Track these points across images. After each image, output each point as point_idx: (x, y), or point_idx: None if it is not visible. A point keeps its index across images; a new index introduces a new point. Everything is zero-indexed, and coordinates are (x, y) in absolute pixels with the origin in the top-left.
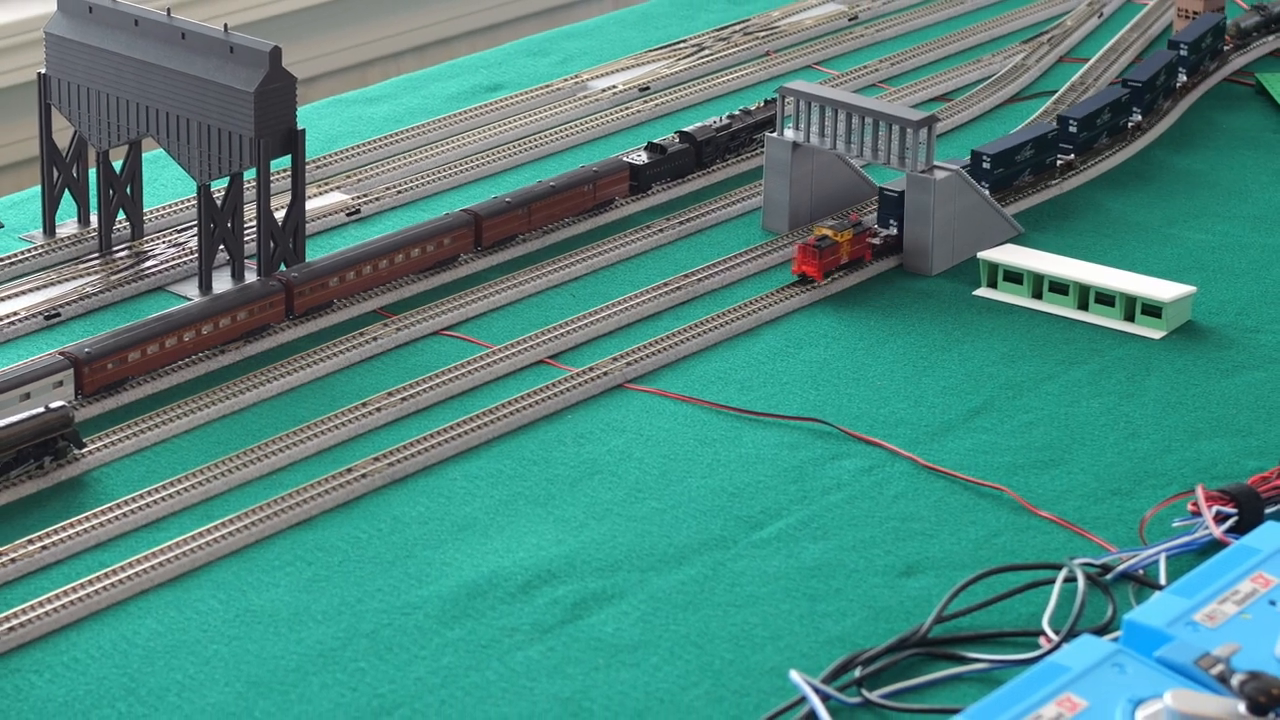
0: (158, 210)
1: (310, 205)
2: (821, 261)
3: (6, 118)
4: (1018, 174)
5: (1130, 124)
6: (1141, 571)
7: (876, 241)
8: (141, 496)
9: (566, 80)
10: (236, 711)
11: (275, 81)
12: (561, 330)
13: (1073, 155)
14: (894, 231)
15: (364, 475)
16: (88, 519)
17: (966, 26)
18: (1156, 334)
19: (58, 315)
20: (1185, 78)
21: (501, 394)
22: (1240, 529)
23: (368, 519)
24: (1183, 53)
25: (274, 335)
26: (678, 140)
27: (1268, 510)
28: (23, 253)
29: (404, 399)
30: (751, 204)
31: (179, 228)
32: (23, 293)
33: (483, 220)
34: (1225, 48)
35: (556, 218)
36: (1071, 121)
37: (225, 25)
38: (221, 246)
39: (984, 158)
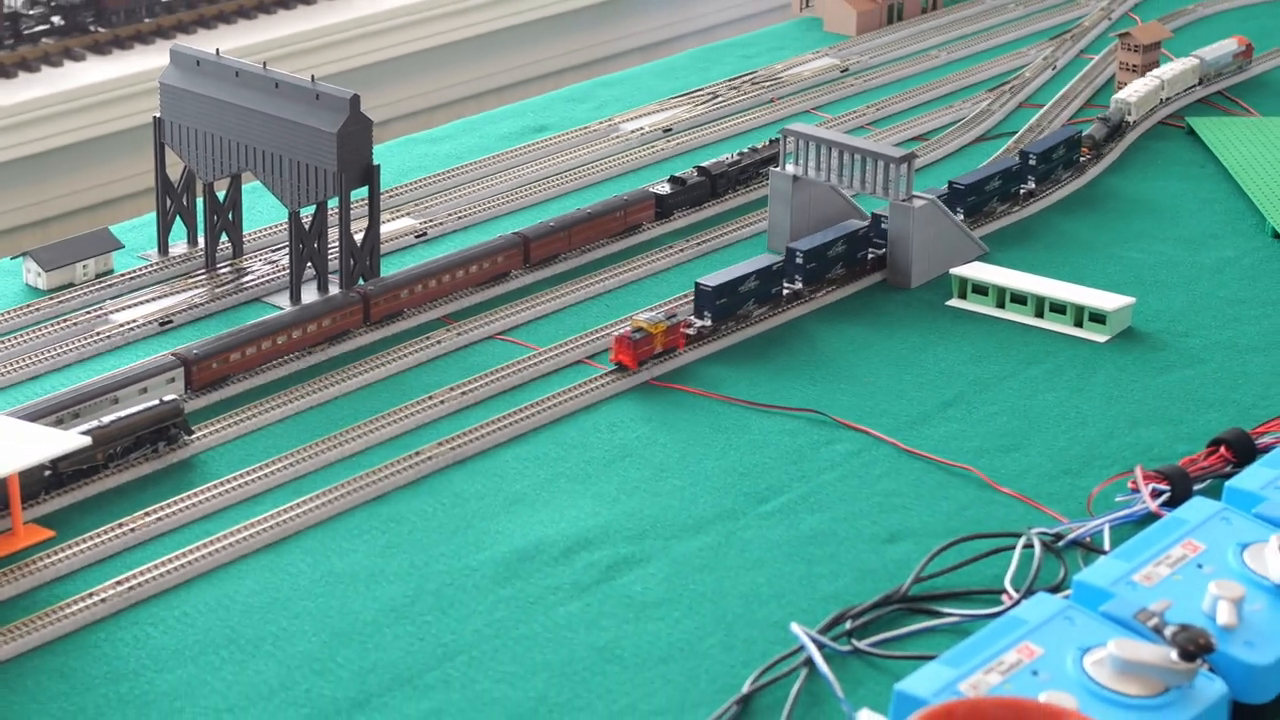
0: (255, 233)
1: (384, 229)
2: (636, 352)
3: (128, 155)
4: (1053, 170)
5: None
6: (1089, 539)
7: (690, 331)
8: (241, 475)
9: (601, 123)
10: (322, 658)
11: (355, 124)
12: (597, 335)
13: (884, 250)
14: (708, 322)
15: (430, 458)
16: (195, 495)
17: (940, 77)
18: (1101, 338)
19: (170, 322)
20: (1034, 184)
21: (546, 389)
22: (1172, 503)
23: (433, 495)
24: (1031, 162)
25: (353, 339)
26: (696, 174)
27: (1196, 487)
28: (141, 269)
29: (463, 393)
30: (758, 228)
31: (273, 248)
32: (140, 303)
33: (530, 241)
34: (1083, 159)
35: (593, 239)
36: (883, 220)
37: (312, 76)
38: (309, 264)
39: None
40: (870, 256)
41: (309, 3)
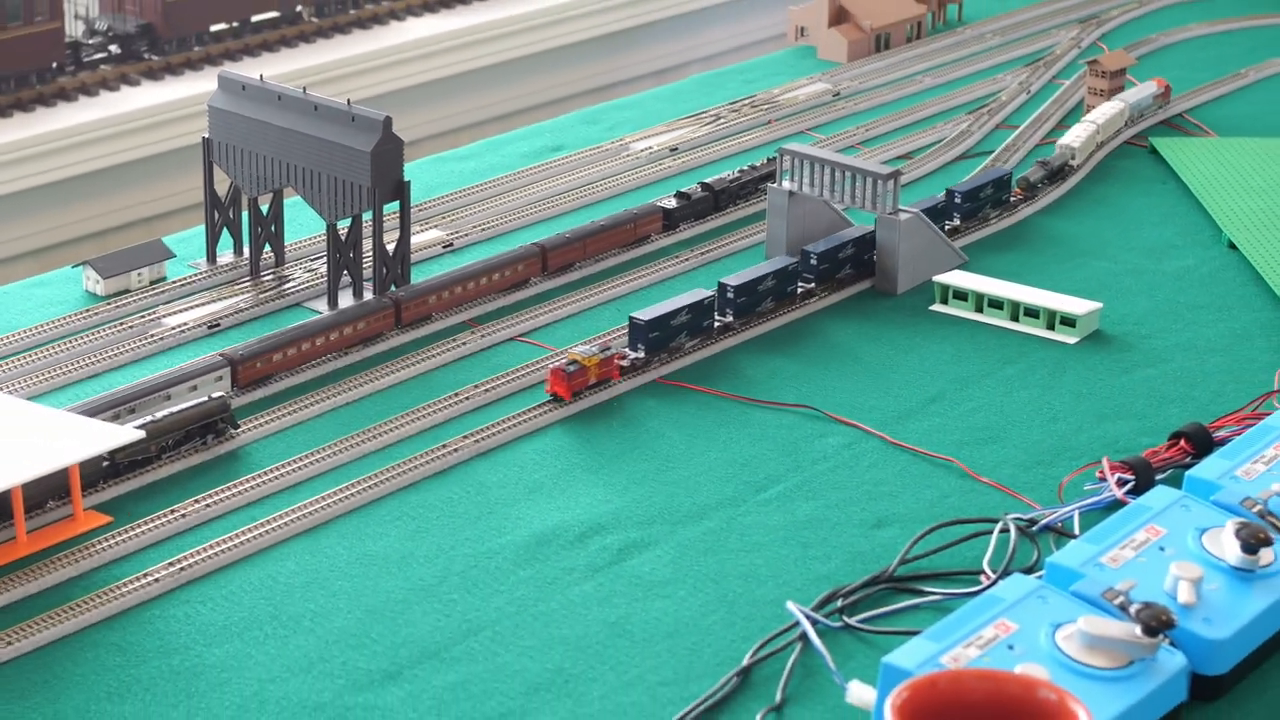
0: (295, 244)
1: (414, 239)
2: (570, 383)
3: (179, 172)
4: (980, 209)
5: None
6: (1060, 524)
7: (625, 363)
8: (283, 466)
9: (613, 143)
10: (357, 633)
11: (387, 143)
12: (610, 336)
13: (813, 284)
14: (641, 354)
15: (455, 450)
16: (241, 483)
17: (923, 100)
18: (1071, 340)
19: (218, 325)
20: (959, 221)
21: None
22: (1137, 491)
23: (459, 483)
24: (957, 200)
25: (385, 341)
26: (700, 189)
27: (1158, 477)
28: (191, 277)
29: (486, 390)
30: (757, 239)
31: (312, 257)
32: (191, 308)
33: (548, 251)
34: (1013, 199)
35: (605, 249)
36: (813, 255)
37: (348, 100)
38: (345, 271)
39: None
40: (799, 290)
41: (345, 32)
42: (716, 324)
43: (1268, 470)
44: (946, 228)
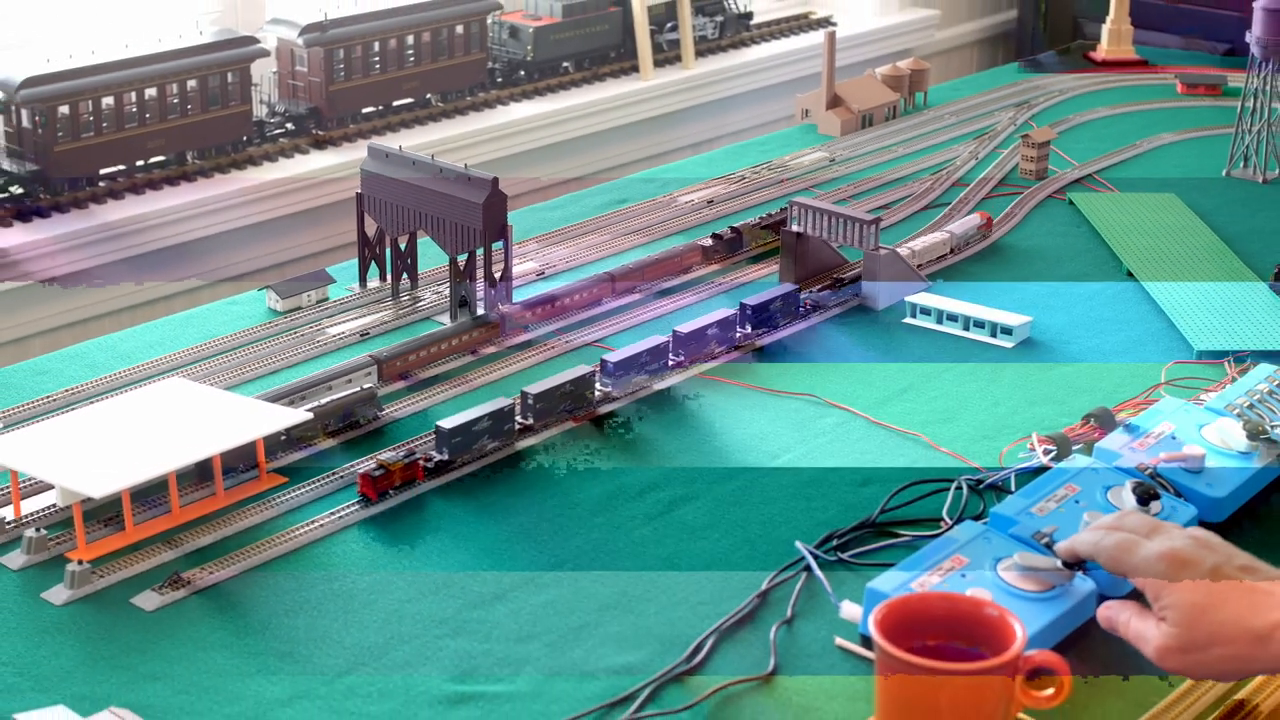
0: (426, 273)
1: (515, 269)
2: (376, 486)
3: (338, 219)
4: (772, 319)
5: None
6: (1000, 484)
7: (429, 465)
8: (416, 439)
9: (664, 197)
10: (472, 564)
11: (495, 197)
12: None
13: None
14: (445, 456)
15: (547, 426)
16: (384, 453)
17: (897, 165)
18: (1009, 345)
19: (367, 334)
20: (749, 330)
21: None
22: (1058, 458)
23: (549, 452)
24: (749, 313)
25: (493, 345)
26: (730, 232)
27: (1074, 448)
28: (347, 298)
29: None
30: (772, 270)
31: (438, 283)
32: (347, 321)
33: (616, 278)
34: (804, 310)
35: (657, 276)
36: (609, 364)
37: (465, 164)
38: (463, 293)
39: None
40: (598, 395)
41: (464, 114)
42: (517, 427)
43: (1156, 443)
44: (738, 336)
